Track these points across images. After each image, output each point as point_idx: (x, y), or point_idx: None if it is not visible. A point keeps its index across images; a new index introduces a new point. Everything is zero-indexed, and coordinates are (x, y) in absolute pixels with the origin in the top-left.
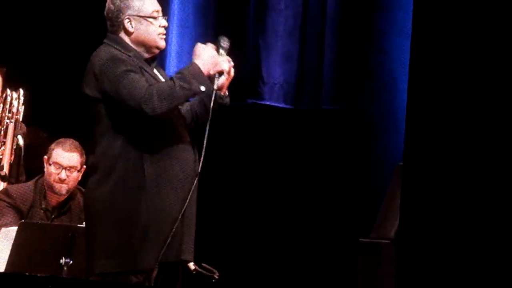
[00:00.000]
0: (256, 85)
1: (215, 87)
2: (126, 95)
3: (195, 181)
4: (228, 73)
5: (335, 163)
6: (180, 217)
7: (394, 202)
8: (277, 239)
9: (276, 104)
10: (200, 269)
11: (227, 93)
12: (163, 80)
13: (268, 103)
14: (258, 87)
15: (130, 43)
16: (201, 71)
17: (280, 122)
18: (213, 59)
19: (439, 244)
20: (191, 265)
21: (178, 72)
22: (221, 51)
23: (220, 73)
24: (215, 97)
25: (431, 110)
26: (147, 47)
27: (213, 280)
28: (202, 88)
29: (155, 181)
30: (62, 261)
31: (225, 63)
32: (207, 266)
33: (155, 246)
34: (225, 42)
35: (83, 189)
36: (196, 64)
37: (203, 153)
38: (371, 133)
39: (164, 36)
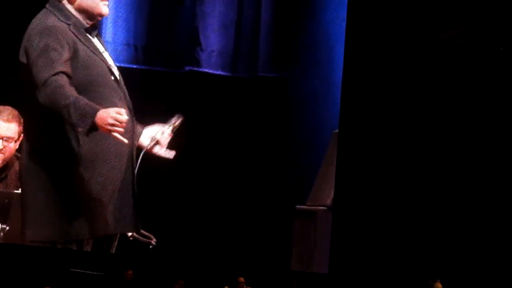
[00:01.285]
0: (193, 52)
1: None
2: (35, 70)
3: (133, 153)
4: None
5: (272, 130)
6: (117, 189)
7: (331, 169)
8: (216, 205)
9: (214, 72)
10: (137, 236)
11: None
12: (102, 50)
13: (205, 70)
14: (195, 54)
15: (72, 11)
16: (93, 119)
17: (217, 89)
18: (105, 120)
19: (374, 210)
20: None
21: (82, 101)
22: (170, 126)
23: (157, 142)
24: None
25: (366, 79)
26: (89, 14)
27: (150, 246)
28: (80, 129)
29: (91, 152)
30: None
31: (166, 137)
32: (144, 233)
33: (90, 218)
34: (177, 121)
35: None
36: (95, 111)
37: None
38: (308, 101)
39: (107, 3)
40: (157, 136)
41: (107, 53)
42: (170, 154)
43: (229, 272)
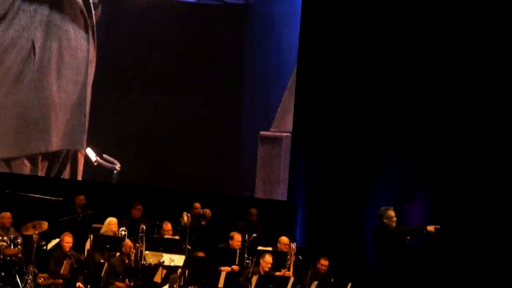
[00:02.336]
0: None
1: None
2: None
3: (87, 70)
4: None
5: (238, 57)
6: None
7: (294, 97)
8: (179, 131)
9: None
10: (101, 161)
11: None
12: None
13: None
14: None
15: None
16: None
17: (183, 16)
18: None
19: (330, 136)
20: (93, 157)
21: None
22: None
23: None
24: None
25: (325, 7)
26: None
27: (115, 171)
28: None
29: (45, 68)
30: None
31: None
32: (108, 157)
33: (42, 134)
34: None
35: None
36: None
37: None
38: (272, 28)
39: None
40: None
41: None
42: None
43: (187, 198)
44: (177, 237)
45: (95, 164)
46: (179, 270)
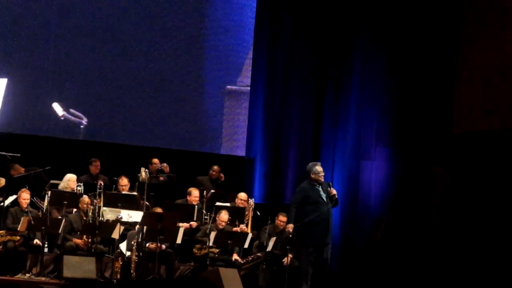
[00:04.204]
0: None
1: None
2: None
3: None
4: None
5: (199, 15)
6: None
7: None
8: (144, 85)
9: None
10: (68, 115)
11: None
12: None
13: None
14: None
15: None
16: None
17: None
18: None
19: (287, 90)
20: (60, 112)
21: None
22: None
23: None
24: None
25: None
26: None
27: (81, 126)
28: None
29: None
30: None
31: None
32: (76, 112)
33: None
34: None
35: None
36: None
37: None
38: None
39: None
40: None
41: None
42: None
43: (147, 153)
44: (135, 193)
45: (62, 118)
46: (137, 226)
